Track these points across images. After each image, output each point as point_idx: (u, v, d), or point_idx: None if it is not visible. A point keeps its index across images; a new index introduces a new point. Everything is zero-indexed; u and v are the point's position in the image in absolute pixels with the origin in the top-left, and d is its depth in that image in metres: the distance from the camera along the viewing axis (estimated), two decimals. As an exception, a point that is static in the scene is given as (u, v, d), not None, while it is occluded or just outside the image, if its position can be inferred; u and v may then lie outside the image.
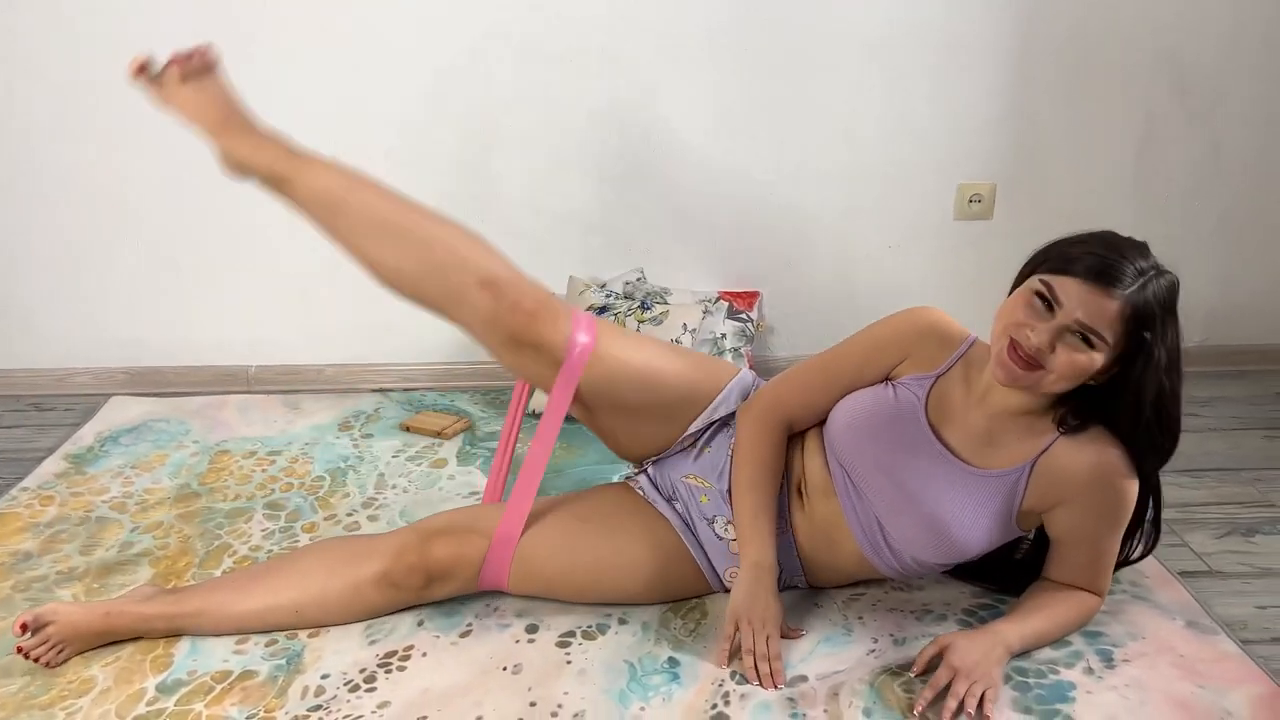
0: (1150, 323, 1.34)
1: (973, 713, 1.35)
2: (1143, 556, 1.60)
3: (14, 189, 2.42)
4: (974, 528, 1.46)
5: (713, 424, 1.63)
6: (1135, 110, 2.48)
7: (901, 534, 1.50)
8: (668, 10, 2.35)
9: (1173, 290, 1.37)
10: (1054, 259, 1.38)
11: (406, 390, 2.56)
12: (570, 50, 2.37)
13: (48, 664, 1.47)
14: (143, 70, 1.52)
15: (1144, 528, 1.55)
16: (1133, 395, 1.38)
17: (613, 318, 2.33)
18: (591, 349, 1.53)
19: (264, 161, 1.50)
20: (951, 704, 1.36)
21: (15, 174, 2.41)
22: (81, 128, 2.37)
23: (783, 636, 1.51)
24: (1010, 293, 1.45)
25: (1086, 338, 1.34)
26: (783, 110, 2.44)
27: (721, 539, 1.59)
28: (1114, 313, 1.33)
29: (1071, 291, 1.34)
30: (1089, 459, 1.44)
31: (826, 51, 2.40)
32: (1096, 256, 1.34)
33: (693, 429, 1.62)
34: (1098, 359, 1.35)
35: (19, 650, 1.46)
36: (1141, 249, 1.38)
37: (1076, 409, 1.44)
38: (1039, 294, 1.36)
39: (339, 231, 1.50)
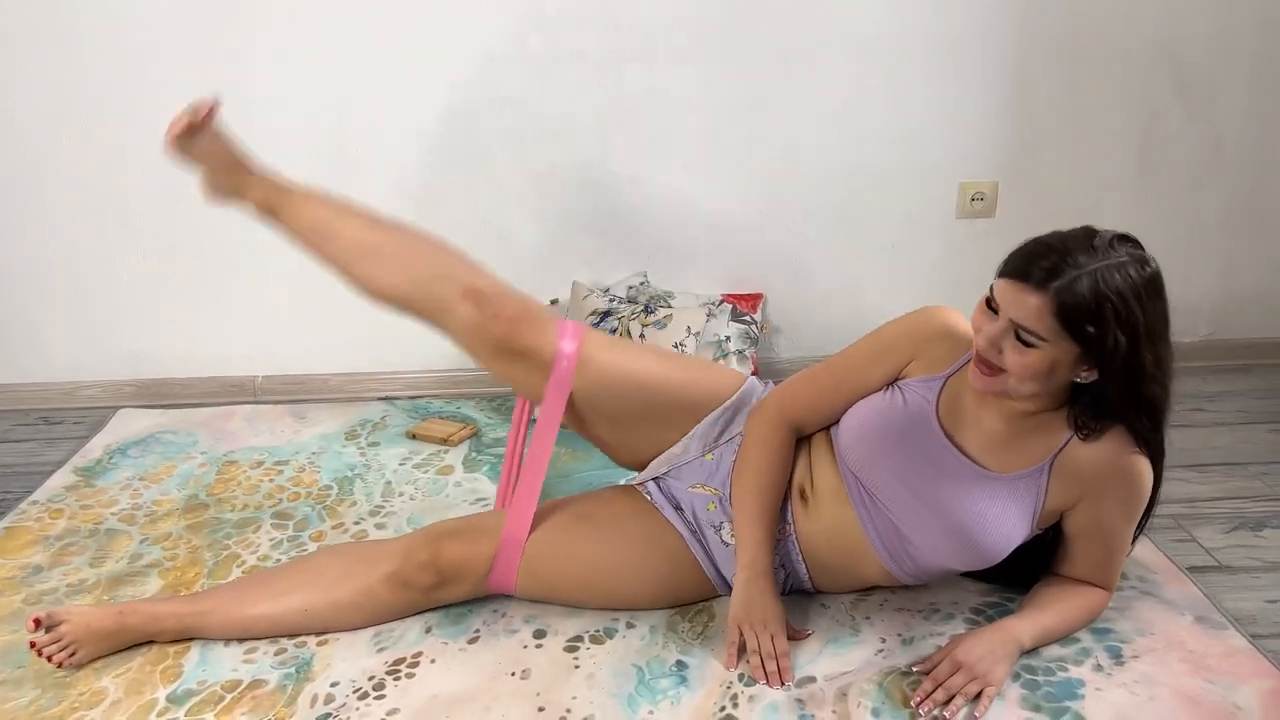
0: (1088, 316, 1.27)
1: (956, 711, 1.36)
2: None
3: (19, 204, 2.43)
4: (999, 532, 1.45)
5: (718, 435, 1.62)
6: (1137, 105, 2.48)
7: (926, 543, 1.48)
8: (667, 12, 2.35)
9: (1128, 279, 1.28)
10: (1003, 262, 1.36)
11: (412, 398, 2.57)
12: (571, 54, 2.38)
13: (60, 664, 1.48)
14: (189, 129, 1.59)
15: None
16: (1116, 388, 1.35)
17: (616, 322, 2.34)
18: (578, 354, 1.54)
19: (257, 195, 1.64)
20: (941, 695, 1.37)
21: (19, 189, 2.42)
22: (85, 141, 2.38)
23: (790, 637, 1.51)
24: None
25: (1022, 337, 1.32)
26: (783, 111, 2.44)
27: (728, 545, 1.59)
28: (1036, 308, 1.29)
29: (1003, 292, 1.33)
30: (1107, 452, 1.42)
31: (826, 52, 2.40)
32: (1025, 255, 1.32)
33: (695, 438, 1.61)
34: (1044, 358, 1.31)
35: (32, 646, 1.47)
36: (1091, 240, 1.30)
37: (1088, 410, 1.41)
38: (986, 299, 1.36)
39: (329, 255, 1.61)
